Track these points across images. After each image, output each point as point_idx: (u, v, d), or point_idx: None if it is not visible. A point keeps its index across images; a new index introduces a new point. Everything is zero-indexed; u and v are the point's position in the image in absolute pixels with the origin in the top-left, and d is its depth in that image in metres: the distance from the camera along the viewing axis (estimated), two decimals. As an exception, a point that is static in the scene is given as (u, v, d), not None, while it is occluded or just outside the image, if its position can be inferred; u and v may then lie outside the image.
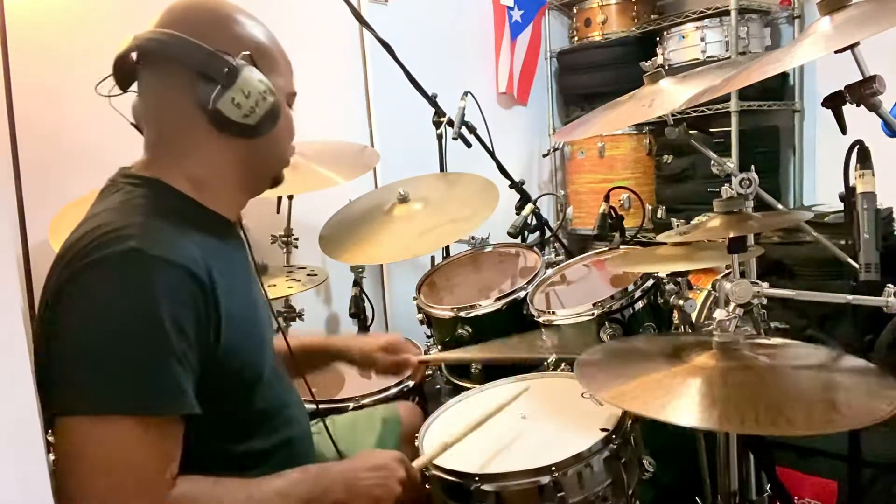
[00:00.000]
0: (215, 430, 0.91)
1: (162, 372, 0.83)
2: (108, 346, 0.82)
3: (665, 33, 2.95)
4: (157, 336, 0.83)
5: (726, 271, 1.70)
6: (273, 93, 0.96)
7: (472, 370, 1.76)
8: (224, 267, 0.95)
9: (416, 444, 1.25)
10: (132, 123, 1.03)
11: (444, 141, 2.25)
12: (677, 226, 1.88)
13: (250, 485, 0.92)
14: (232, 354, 0.93)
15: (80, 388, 0.81)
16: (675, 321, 1.60)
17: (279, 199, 2.16)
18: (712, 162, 1.57)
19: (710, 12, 2.82)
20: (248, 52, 0.96)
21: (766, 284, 1.20)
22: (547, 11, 3.38)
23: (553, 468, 1.09)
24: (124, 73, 0.99)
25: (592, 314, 1.54)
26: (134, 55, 0.98)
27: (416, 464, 1.13)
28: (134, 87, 1.01)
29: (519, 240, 2.09)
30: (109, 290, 0.83)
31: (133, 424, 0.81)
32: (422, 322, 1.89)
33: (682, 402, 0.99)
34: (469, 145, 2.15)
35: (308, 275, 2.04)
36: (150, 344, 0.83)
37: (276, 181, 1.11)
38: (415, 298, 1.91)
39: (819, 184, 2.95)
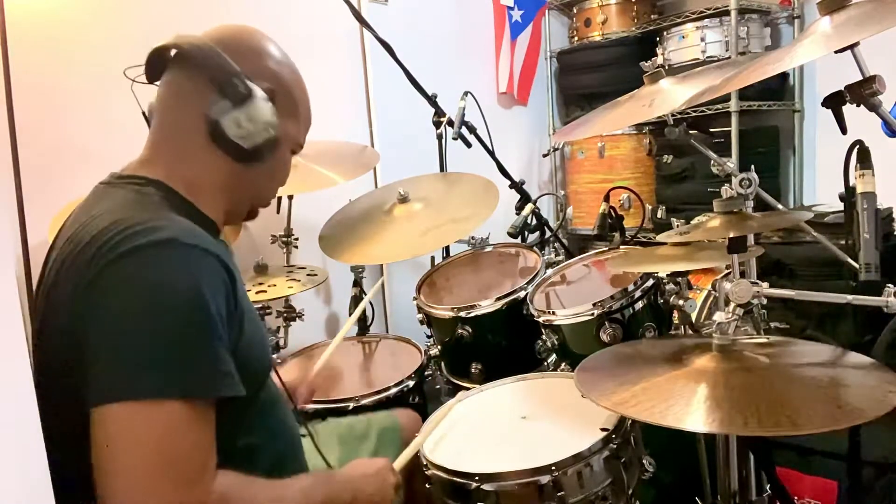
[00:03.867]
0: (224, 422, 0.92)
1: (210, 353, 0.84)
2: (155, 330, 0.82)
3: (665, 33, 2.94)
4: (203, 319, 0.84)
5: (726, 271, 1.69)
6: (274, 129, 1.00)
7: (472, 370, 1.76)
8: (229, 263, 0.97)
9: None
10: (143, 113, 1.06)
11: (444, 141, 2.25)
12: (677, 226, 1.88)
13: (277, 486, 0.96)
14: (249, 346, 0.95)
15: (127, 372, 0.81)
16: (675, 321, 1.60)
17: (279, 199, 2.16)
18: (712, 162, 1.57)
19: (710, 12, 2.82)
20: (270, 87, 1.01)
21: (766, 284, 1.20)
22: (547, 11, 3.38)
23: (553, 468, 1.09)
24: (156, 66, 1.03)
25: (592, 314, 1.54)
26: (172, 53, 1.02)
27: (396, 465, 1.17)
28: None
29: (519, 240, 2.09)
30: (153, 275, 0.84)
31: (182, 407, 0.81)
32: (422, 322, 1.89)
33: (685, 406, 0.98)
34: (469, 145, 2.15)
35: (308, 275, 2.04)
36: (197, 326, 0.84)
37: (250, 215, 1.13)
38: (415, 298, 1.91)
39: (819, 184, 2.95)
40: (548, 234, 2.17)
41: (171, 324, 0.82)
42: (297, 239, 2.18)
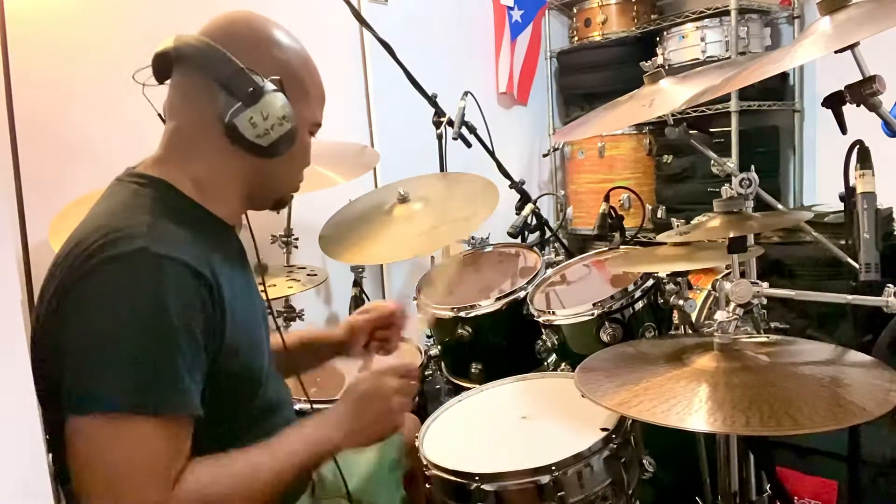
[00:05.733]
0: (216, 429, 0.92)
1: (170, 371, 0.84)
2: (118, 346, 0.82)
3: (665, 33, 2.95)
4: (167, 335, 0.84)
5: (726, 271, 1.70)
6: (291, 120, 0.98)
7: (472, 370, 1.76)
8: (223, 267, 0.96)
9: (416, 443, 1.26)
10: (159, 114, 1.04)
11: (444, 141, 2.25)
12: (677, 226, 1.88)
13: (251, 458, 0.93)
14: (234, 354, 0.94)
15: (90, 387, 0.82)
16: (676, 321, 1.60)
17: (279, 199, 2.15)
18: (712, 162, 1.57)
19: (710, 12, 2.82)
20: (277, 77, 0.97)
21: (766, 284, 1.20)
22: (547, 11, 3.38)
23: (553, 468, 1.09)
24: (161, 68, 1.01)
25: (592, 314, 1.54)
26: (173, 54, 0.99)
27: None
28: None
29: (519, 240, 2.09)
30: (119, 289, 0.84)
31: (143, 423, 0.82)
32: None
33: (686, 406, 0.98)
34: (469, 145, 2.15)
35: (308, 275, 2.04)
36: (160, 343, 0.83)
37: (280, 203, 1.12)
38: (415, 298, 1.91)
39: (819, 184, 2.95)
40: (548, 234, 2.17)
41: (132, 339, 0.82)
42: (297, 239, 2.18)
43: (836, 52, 1.03)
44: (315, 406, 1.50)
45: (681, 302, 1.51)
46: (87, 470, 0.81)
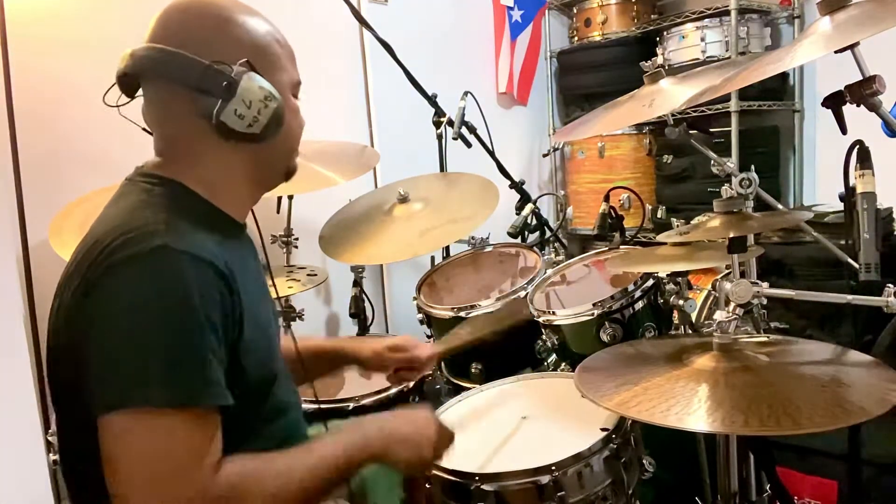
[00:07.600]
0: (230, 427, 0.92)
1: (199, 364, 0.84)
2: (145, 341, 0.82)
3: (665, 33, 2.95)
4: (193, 329, 0.84)
5: (726, 271, 1.69)
6: (275, 97, 0.95)
7: (472, 370, 1.76)
8: (238, 266, 0.96)
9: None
10: (143, 129, 1.03)
11: (444, 141, 2.25)
12: (677, 226, 1.88)
13: (288, 459, 0.93)
14: (249, 352, 0.94)
15: (118, 384, 0.82)
16: (676, 321, 1.60)
17: (279, 199, 2.16)
18: (712, 162, 1.57)
19: (710, 12, 2.82)
20: (245, 59, 0.94)
21: (766, 284, 1.20)
22: (547, 11, 3.38)
23: (553, 468, 1.09)
24: (128, 84, 0.99)
25: (592, 314, 1.54)
26: (132, 72, 0.97)
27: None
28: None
29: (519, 240, 2.09)
30: (143, 286, 0.84)
31: (173, 416, 0.82)
32: (422, 322, 1.89)
33: (686, 407, 0.98)
34: (469, 145, 2.15)
35: (308, 275, 2.04)
36: (186, 337, 0.84)
37: (290, 173, 1.10)
38: (415, 298, 1.91)
39: (819, 184, 2.95)
40: (548, 234, 2.17)
41: (160, 334, 0.83)
42: (297, 239, 2.18)
43: (836, 52, 1.03)
44: (322, 406, 1.51)
45: (681, 302, 1.51)
46: (121, 467, 0.81)
